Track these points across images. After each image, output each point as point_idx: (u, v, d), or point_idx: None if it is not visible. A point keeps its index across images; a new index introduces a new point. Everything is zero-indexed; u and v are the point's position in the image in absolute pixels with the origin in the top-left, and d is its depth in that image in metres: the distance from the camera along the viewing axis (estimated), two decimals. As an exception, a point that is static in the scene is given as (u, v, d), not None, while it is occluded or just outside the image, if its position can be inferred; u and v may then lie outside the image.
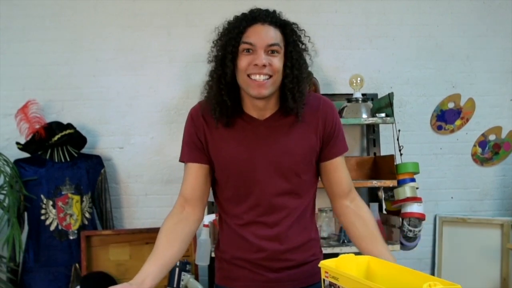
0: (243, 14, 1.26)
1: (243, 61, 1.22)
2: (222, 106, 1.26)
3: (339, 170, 1.35)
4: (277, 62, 1.22)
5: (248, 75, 1.21)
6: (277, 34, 1.23)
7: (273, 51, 1.22)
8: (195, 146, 1.32)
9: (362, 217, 1.32)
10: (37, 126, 2.39)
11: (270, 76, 1.21)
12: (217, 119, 1.28)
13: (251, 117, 1.30)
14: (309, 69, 1.31)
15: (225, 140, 1.29)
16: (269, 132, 1.29)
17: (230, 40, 1.23)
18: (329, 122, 1.32)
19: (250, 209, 1.30)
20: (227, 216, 1.35)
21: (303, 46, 1.29)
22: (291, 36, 1.26)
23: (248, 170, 1.28)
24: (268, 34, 1.22)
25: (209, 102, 1.29)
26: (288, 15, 1.30)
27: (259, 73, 1.20)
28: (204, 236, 2.16)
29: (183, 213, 1.31)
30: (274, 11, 1.28)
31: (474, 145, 2.81)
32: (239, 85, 1.27)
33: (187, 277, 2.14)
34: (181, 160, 1.36)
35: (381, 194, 2.56)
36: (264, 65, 1.20)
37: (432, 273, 2.70)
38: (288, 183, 1.29)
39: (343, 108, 2.49)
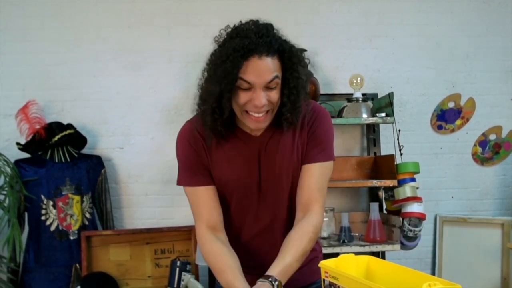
0: (240, 41, 1.13)
1: (242, 98, 1.16)
2: (216, 131, 1.23)
3: (308, 178, 1.27)
4: (276, 95, 1.18)
5: (246, 111, 1.18)
6: (275, 64, 1.15)
7: (271, 87, 1.17)
8: (198, 169, 1.28)
9: (292, 236, 1.22)
10: (37, 127, 2.39)
11: (268, 111, 1.19)
12: (213, 137, 1.25)
13: (245, 133, 1.28)
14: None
15: (222, 157, 1.27)
16: (266, 149, 1.27)
17: (227, 76, 1.14)
18: (315, 126, 1.29)
19: (251, 225, 1.29)
20: (226, 230, 1.31)
21: (302, 69, 1.21)
22: (289, 62, 1.19)
23: (248, 187, 1.26)
24: (267, 69, 1.14)
25: (201, 123, 1.26)
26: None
27: (258, 112, 1.17)
28: (204, 236, 2.16)
29: (218, 237, 1.25)
30: (269, 32, 1.17)
31: (475, 145, 2.81)
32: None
33: (187, 277, 2.14)
34: (185, 184, 1.30)
35: (382, 194, 2.56)
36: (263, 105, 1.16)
37: (433, 273, 2.70)
38: (287, 199, 1.28)
39: (343, 108, 2.49)
